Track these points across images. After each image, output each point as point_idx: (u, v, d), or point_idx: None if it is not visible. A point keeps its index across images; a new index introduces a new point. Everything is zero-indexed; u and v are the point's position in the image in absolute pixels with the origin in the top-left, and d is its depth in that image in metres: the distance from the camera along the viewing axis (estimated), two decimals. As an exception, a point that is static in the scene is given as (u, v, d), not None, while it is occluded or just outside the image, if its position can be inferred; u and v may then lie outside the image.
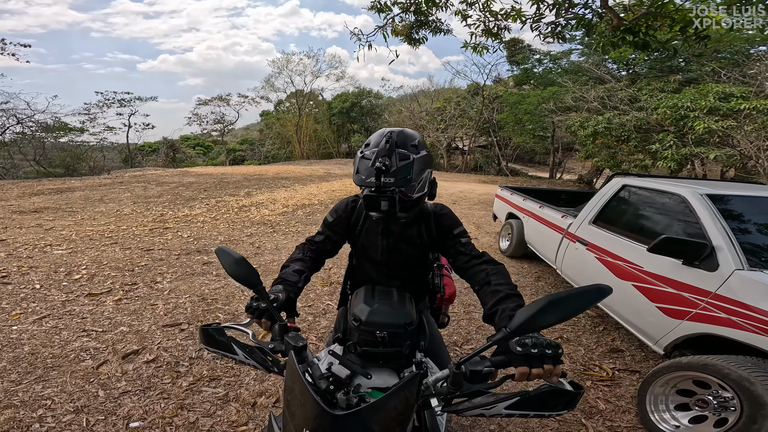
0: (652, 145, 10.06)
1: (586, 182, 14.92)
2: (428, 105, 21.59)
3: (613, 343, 2.63)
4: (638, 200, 2.59)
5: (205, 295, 3.13)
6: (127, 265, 3.69)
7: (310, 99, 28.39)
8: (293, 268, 1.09)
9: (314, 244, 1.23)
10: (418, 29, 5.02)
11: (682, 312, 1.84)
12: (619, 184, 2.82)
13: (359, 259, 1.31)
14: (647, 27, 3.46)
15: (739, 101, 8.38)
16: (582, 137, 11.61)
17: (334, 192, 9.52)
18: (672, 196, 2.27)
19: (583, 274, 2.82)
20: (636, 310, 2.18)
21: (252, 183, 10.68)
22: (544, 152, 19.48)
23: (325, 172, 15.53)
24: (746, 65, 10.83)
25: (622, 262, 2.34)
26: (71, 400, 1.79)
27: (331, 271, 3.86)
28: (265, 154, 27.76)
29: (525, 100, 14.88)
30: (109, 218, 5.65)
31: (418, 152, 1.01)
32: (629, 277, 2.24)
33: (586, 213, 3.00)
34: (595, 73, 13.45)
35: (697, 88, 9.79)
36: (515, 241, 4.35)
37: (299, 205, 7.52)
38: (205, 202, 7.34)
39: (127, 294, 3.07)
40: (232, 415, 1.77)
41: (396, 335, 0.93)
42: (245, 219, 6.09)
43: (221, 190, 9.15)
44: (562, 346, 2.49)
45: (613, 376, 2.26)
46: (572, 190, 5.43)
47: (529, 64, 17.45)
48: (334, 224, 1.25)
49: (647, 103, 10.70)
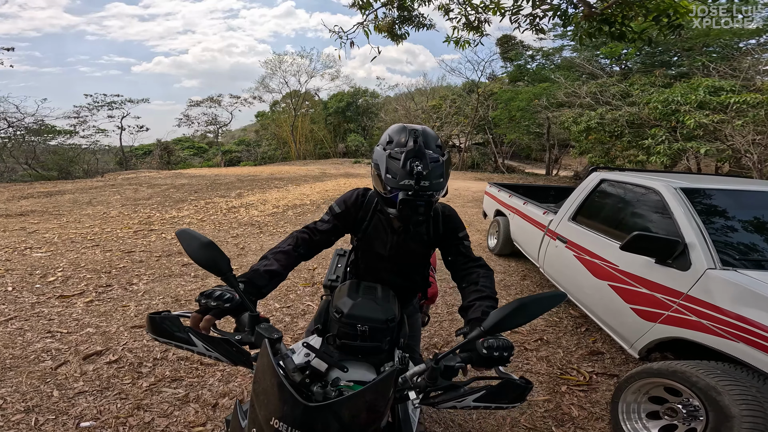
0: (645, 141, 10.02)
1: (581, 179, 14.86)
2: (424, 103, 21.54)
3: (594, 345, 2.57)
4: (616, 195, 2.52)
5: (180, 296, 3.10)
6: (104, 267, 3.65)
7: (305, 99, 28.26)
8: (267, 267, 1.01)
9: (316, 233, 1.19)
10: (401, 25, 4.99)
11: (655, 314, 1.76)
12: (598, 179, 2.75)
13: (364, 253, 1.28)
14: (623, 17, 3.44)
15: (728, 95, 8.35)
16: (575, 133, 11.58)
17: (327, 192, 9.45)
18: (647, 190, 2.18)
19: (564, 273, 2.74)
20: (612, 311, 2.10)
21: (245, 184, 10.64)
22: (540, 149, 19.47)
23: (320, 172, 15.45)
24: (735, 59, 10.82)
25: (598, 260, 2.26)
26: (24, 399, 1.75)
27: (315, 271, 3.80)
28: (262, 154, 27.71)
29: (517, 96, 14.84)
30: (94, 221, 5.62)
31: (443, 153, 1.01)
32: (606, 277, 2.15)
33: (565, 209, 2.93)
34: (588, 68, 13.44)
35: (687, 83, 9.75)
36: (502, 239, 4.30)
37: (290, 205, 7.48)
38: (194, 204, 7.31)
39: (100, 296, 3.03)
40: (190, 415, 1.74)
41: (377, 330, 0.93)
42: (233, 220, 6.05)
43: (212, 191, 9.11)
44: (542, 348, 2.47)
45: (590, 380, 2.18)
46: (561, 186, 5.36)
47: (522, 61, 17.43)
48: (342, 215, 1.21)
49: (639, 98, 10.66)
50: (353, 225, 1.24)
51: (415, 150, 0.93)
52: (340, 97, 26.53)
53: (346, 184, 11.04)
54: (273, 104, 29.19)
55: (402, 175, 0.93)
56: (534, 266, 4.13)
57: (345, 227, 1.23)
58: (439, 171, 0.96)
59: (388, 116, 24.09)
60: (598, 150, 11.86)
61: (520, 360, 2.38)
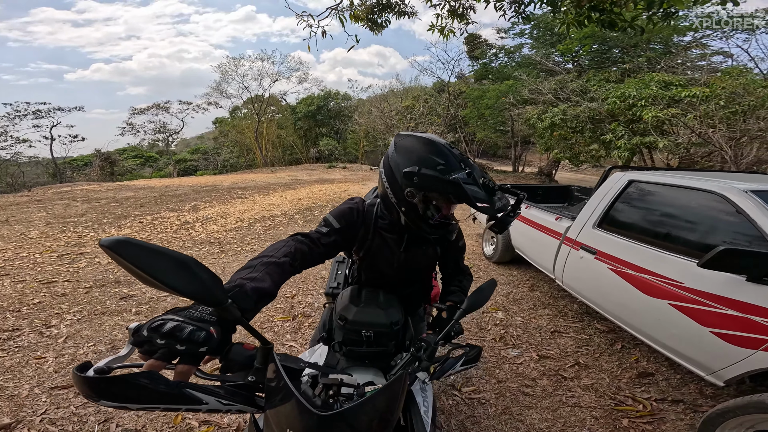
0: (605, 136, 10.40)
1: (546, 174, 15.36)
2: (398, 104, 21.33)
3: (638, 365, 2.27)
4: (656, 200, 2.19)
5: (118, 341, 2.41)
6: (12, 304, 2.83)
7: (270, 104, 26.98)
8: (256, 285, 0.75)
9: (317, 245, 0.98)
10: (381, 12, 4.56)
11: (754, 340, 1.46)
12: (624, 181, 2.42)
13: (367, 272, 1.20)
14: (612, 4, 3.26)
15: (678, 89, 8.85)
16: (540, 129, 11.84)
17: (301, 201, 8.60)
18: (705, 194, 1.88)
19: (596, 289, 2.38)
20: (681, 335, 1.79)
21: (201, 195, 9.61)
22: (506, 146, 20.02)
23: (291, 179, 14.39)
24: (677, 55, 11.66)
25: (651, 276, 1.93)
26: None
27: (294, 299, 3.16)
28: (222, 163, 25.99)
29: (486, 94, 15.06)
30: (8, 243, 4.57)
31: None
32: (665, 295, 1.84)
33: (587, 215, 2.59)
34: (546, 65, 13.94)
35: (640, 78, 10.25)
36: (501, 247, 3.94)
37: (257, 218, 6.68)
38: (138, 220, 6.33)
39: (5, 343, 2.28)
40: None
41: (382, 335, 0.94)
42: (186, 238, 5.24)
43: (162, 204, 8.07)
44: (582, 375, 2.14)
45: (652, 409, 1.88)
46: (548, 186, 5.17)
47: (486, 59, 17.78)
48: (342, 231, 1.06)
49: (597, 94, 11.10)
50: (352, 243, 1.13)
51: (479, 171, 0.93)
52: (309, 101, 25.43)
53: (321, 191, 10.22)
54: (233, 110, 27.62)
55: (484, 196, 0.87)
56: (539, 274, 3.82)
57: (344, 243, 1.09)
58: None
59: (362, 118, 23.62)
60: (563, 146, 12.21)
61: (561, 392, 2.04)
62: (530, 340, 2.56)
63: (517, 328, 2.73)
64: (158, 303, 2.99)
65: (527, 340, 2.55)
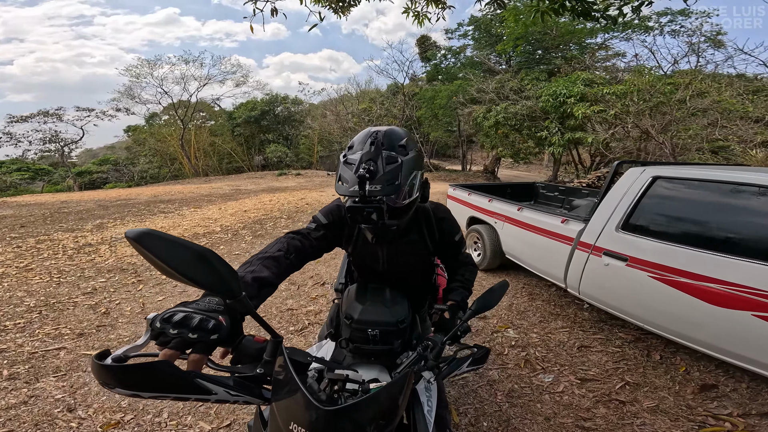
0: (541, 132, 10.99)
1: (490, 172, 16.00)
2: (354, 106, 20.51)
3: (691, 377, 1.97)
4: (695, 198, 1.91)
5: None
6: None
7: (199, 109, 24.06)
8: (255, 274, 0.82)
9: (308, 239, 1.04)
10: None
11: None
12: (648, 177, 2.11)
13: (360, 271, 1.27)
14: (586, -9, 3.10)
15: (600, 87, 9.66)
16: (486, 128, 12.15)
17: (246, 213, 7.19)
18: (760, 189, 1.65)
19: (634, 299, 2.03)
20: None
21: (111, 211, 7.79)
22: (455, 146, 20.53)
23: (232, 189, 12.43)
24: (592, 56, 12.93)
25: (719, 284, 1.65)
26: None
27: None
28: (140, 174, 22.46)
29: (438, 95, 15.20)
30: None
31: (407, 153, 0.92)
32: (742, 305, 1.56)
33: (604, 217, 2.24)
34: (487, 65, 14.51)
35: (567, 77, 11.02)
36: (489, 253, 3.50)
37: (188, 236, 5.36)
38: (15, 243, 4.71)
39: None
40: None
41: (388, 333, 0.93)
42: (87, 264, 3.96)
43: (52, 224, 6.28)
44: (639, 396, 1.83)
45: (744, 427, 1.58)
46: (516, 183, 4.94)
47: (437, 60, 18.09)
48: (330, 226, 1.09)
49: (531, 92, 11.73)
50: (341, 239, 1.14)
51: (371, 152, 0.87)
52: (251, 105, 22.98)
53: (273, 201, 8.76)
54: (150, 117, 24.13)
55: (352, 181, 0.84)
56: (534, 280, 3.44)
57: (335, 239, 1.12)
58: (394, 172, 0.86)
59: (315, 122, 22.35)
60: (506, 143, 12.70)
61: (629, 421, 1.66)
62: (559, 361, 2.13)
63: (537, 347, 2.29)
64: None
65: (556, 361, 2.12)
